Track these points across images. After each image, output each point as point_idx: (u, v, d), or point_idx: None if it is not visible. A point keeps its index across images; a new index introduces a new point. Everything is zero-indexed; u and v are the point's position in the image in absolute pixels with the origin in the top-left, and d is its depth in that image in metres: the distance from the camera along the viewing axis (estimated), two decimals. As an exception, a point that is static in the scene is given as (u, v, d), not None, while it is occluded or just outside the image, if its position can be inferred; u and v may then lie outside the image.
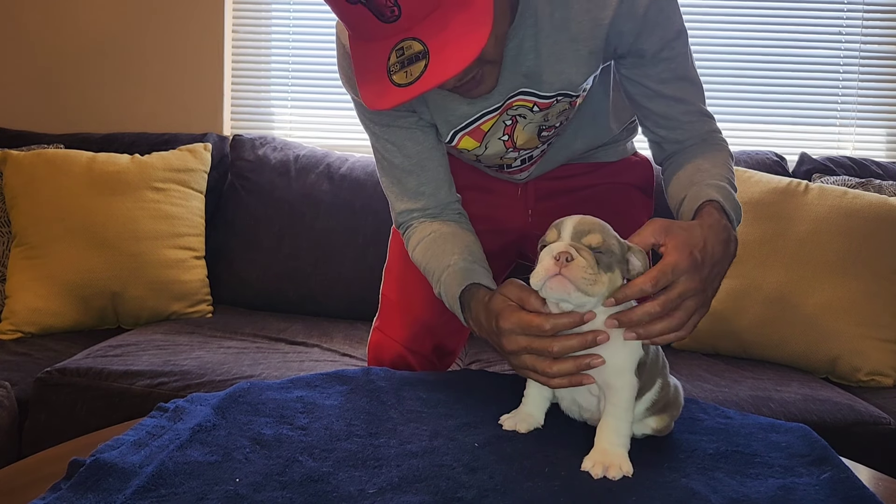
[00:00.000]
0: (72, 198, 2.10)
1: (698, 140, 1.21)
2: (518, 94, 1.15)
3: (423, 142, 1.24)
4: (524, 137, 1.23)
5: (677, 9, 1.13)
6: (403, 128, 1.23)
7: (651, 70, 1.15)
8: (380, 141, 1.26)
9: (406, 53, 0.94)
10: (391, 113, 1.21)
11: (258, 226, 2.29)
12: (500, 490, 0.82)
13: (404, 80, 0.93)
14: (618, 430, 0.89)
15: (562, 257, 0.86)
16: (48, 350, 1.92)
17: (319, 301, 2.25)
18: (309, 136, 2.61)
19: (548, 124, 1.22)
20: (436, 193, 1.26)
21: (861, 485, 0.86)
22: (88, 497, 0.76)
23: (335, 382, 1.14)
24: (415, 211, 1.27)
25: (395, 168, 1.26)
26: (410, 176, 1.25)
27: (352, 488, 0.81)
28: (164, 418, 0.98)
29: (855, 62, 2.52)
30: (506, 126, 1.21)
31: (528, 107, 1.18)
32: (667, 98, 1.17)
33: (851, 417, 1.65)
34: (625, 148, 1.44)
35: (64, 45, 2.57)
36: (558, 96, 1.16)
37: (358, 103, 1.24)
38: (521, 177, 1.36)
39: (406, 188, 1.26)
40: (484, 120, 1.19)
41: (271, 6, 2.62)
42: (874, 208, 1.99)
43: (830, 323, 1.93)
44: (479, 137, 1.22)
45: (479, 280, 1.12)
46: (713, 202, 1.05)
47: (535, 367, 0.94)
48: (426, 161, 1.25)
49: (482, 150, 1.24)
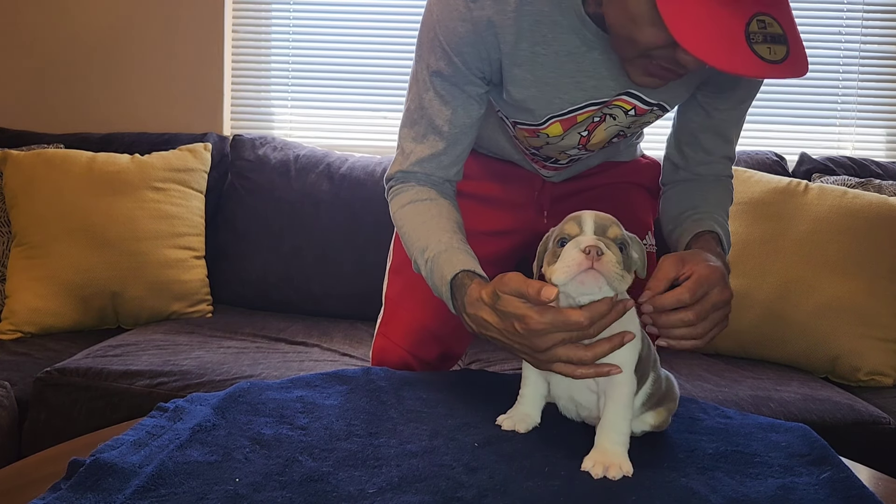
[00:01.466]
0: (72, 198, 2.10)
1: (714, 178, 1.25)
2: (626, 92, 1.14)
3: (473, 115, 1.18)
4: (599, 137, 1.22)
5: None
6: (466, 94, 1.16)
7: (724, 104, 1.19)
8: (430, 94, 1.17)
9: (768, 29, 0.87)
10: (470, 75, 1.14)
11: (258, 226, 2.29)
12: (499, 490, 0.82)
13: (768, 56, 0.86)
14: (618, 429, 0.89)
15: (592, 251, 0.84)
16: (48, 350, 1.92)
17: (319, 301, 2.25)
18: (309, 136, 2.61)
19: (627, 131, 1.23)
20: (450, 167, 1.21)
21: (861, 484, 0.86)
22: (88, 497, 0.76)
23: (335, 382, 1.14)
24: (419, 174, 1.21)
25: (432, 127, 1.18)
26: (441, 141, 1.18)
27: (352, 488, 0.81)
28: (163, 418, 0.98)
29: (855, 62, 2.52)
30: (594, 122, 1.18)
31: (625, 109, 1.16)
32: (719, 136, 1.22)
33: (851, 417, 1.65)
34: (635, 149, 1.46)
35: (64, 44, 2.57)
36: (656, 107, 1.17)
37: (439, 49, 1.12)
38: (547, 174, 1.36)
39: (428, 149, 1.19)
40: (584, 111, 1.16)
41: (271, 6, 2.62)
42: (874, 208, 1.99)
43: (830, 323, 1.93)
44: (568, 126, 1.18)
45: (468, 267, 1.08)
46: (713, 233, 1.12)
47: (570, 359, 0.91)
48: (462, 135, 1.19)
49: (558, 139, 1.21)
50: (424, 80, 1.17)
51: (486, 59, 1.12)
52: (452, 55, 1.12)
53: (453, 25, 1.10)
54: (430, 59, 1.15)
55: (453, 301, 1.08)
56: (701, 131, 1.22)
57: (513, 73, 1.13)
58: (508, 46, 1.10)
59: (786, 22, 0.89)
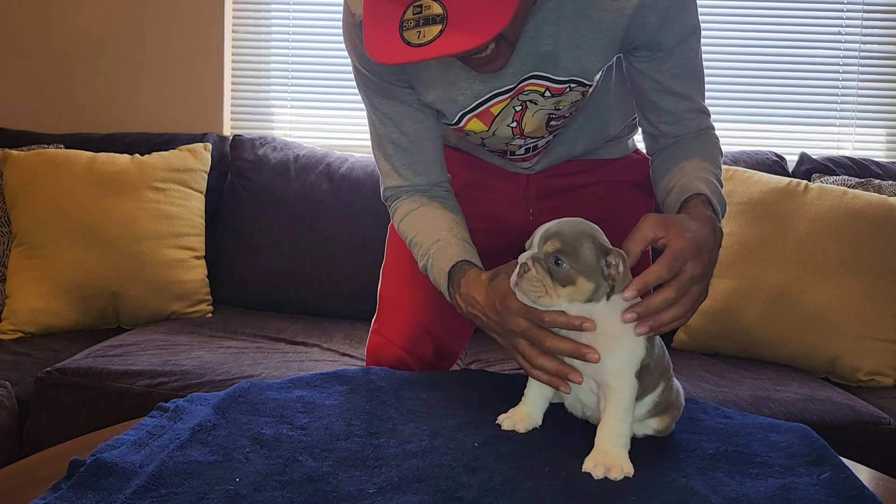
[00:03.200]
0: (72, 198, 2.10)
1: (693, 135, 1.21)
2: (531, 77, 1.13)
3: (423, 121, 1.22)
4: (533, 125, 1.21)
5: (695, 3, 1.14)
6: (405, 104, 1.20)
7: (664, 65, 1.15)
8: (377, 114, 1.23)
9: (423, 13, 0.90)
10: (393, 86, 1.18)
11: (258, 226, 2.29)
12: (499, 490, 0.82)
13: (416, 40, 0.90)
14: (618, 431, 0.90)
15: (520, 269, 0.91)
16: (48, 350, 1.92)
17: (319, 301, 2.25)
18: (309, 136, 2.61)
19: (558, 113, 1.21)
20: (428, 172, 1.24)
21: (861, 485, 0.86)
22: (88, 497, 0.76)
23: (335, 382, 1.14)
24: (404, 186, 1.25)
25: (390, 143, 1.23)
26: (405, 153, 1.23)
27: (352, 488, 0.81)
28: (164, 418, 0.98)
29: (854, 62, 2.52)
30: (515, 112, 1.19)
31: (539, 92, 1.15)
32: (675, 94, 1.18)
33: (851, 417, 1.65)
34: (626, 145, 1.43)
35: (64, 44, 2.57)
36: (571, 83, 1.15)
37: (359, 70, 1.20)
38: (524, 166, 1.35)
39: (398, 164, 1.24)
40: (494, 102, 1.16)
41: (271, 6, 2.62)
42: (874, 208, 1.99)
43: (830, 323, 1.93)
44: (488, 121, 1.19)
45: (469, 258, 1.13)
46: (701, 195, 1.08)
47: (523, 352, 0.97)
48: (422, 140, 1.22)
49: (489, 134, 1.22)
50: (366, 102, 1.24)
51: (394, 70, 1.16)
52: (365, 71, 1.17)
53: (357, 53, 1.16)
54: (358, 80, 1.22)
55: (449, 288, 1.12)
56: (654, 94, 1.19)
57: (419, 77, 1.16)
58: None
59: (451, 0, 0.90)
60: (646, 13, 1.08)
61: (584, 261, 0.90)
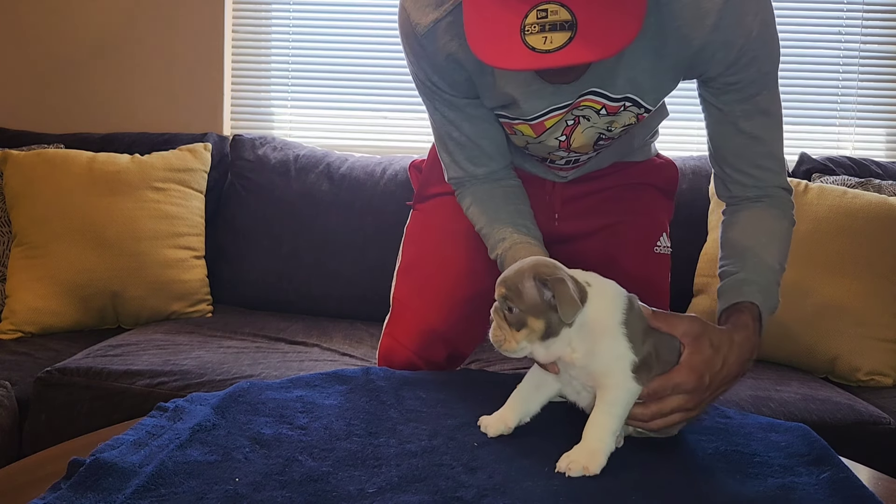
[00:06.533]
0: (72, 198, 2.10)
1: (763, 193, 1.15)
2: (588, 93, 1.11)
3: (481, 125, 1.22)
4: (581, 141, 1.20)
5: (777, 39, 1.09)
6: (464, 112, 1.20)
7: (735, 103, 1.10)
8: (437, 113, 1.23)
9: (550, 18, 0.86)
10: (458, 99, 1.18)
11: (258, 226, 2.29)
12: (499, 490, 0.82)
13: (541, 46, 0.86)
14: (602, 426, 0.89)
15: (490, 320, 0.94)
16: (48, 350, 1.92)
17: (319, 301, 2.25)
18: (309, 136, 2.61)
19: (609, 135, 1.19)
20: (488, 163, 1.25)
21: (860, 484, 0.86)
22: (88, 497, 0.77)
23: (335, 382, 1.14)
24: (465, 177, 1.26)
25: (450, 139, 1.24)
26: (464, 149, 1.24)
27: (351, 488, 0.81)
28: (163, 418, 0.98)
29: (855, 62, 2.52)
30: (567, 125, 1.17)
31: (595, 108, 1.14)
32: (743, 133, 1.12)
33: (851, 417, 1.65)
34: (649, 149, 1.43)
35: (64, 45, 2.57)
36: (626, 101, 1.12)
37: (421, 81, 1.18)
38: (560, 175, 1.34)
39: (458, 158, 1.25)
40: (549, 116, 1.15)
41: (271, 6, 2.62)
42: (874, 208, 1.99)
43: (830, 322, 1.93)
44: (539, 131, 1.19)
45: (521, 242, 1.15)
46: (753, 306, 1.05)
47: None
48: (481, 139, 1.23)
49: (536, 141, 1.21)
50: (426, 99, 1.22)
51: (456, 83, 1.16)
52: (429, 83, 1.18)
53: (417, 62, 1.16)
54: (418, 87, 1.21)
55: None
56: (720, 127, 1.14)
57: (483, 82, 1.16)
58: (472, 65, 1.13)
59: (580, 7, 0.87)
60: (714, 49, 1.04)
61: (528, 300, 0.89)
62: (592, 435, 0.89)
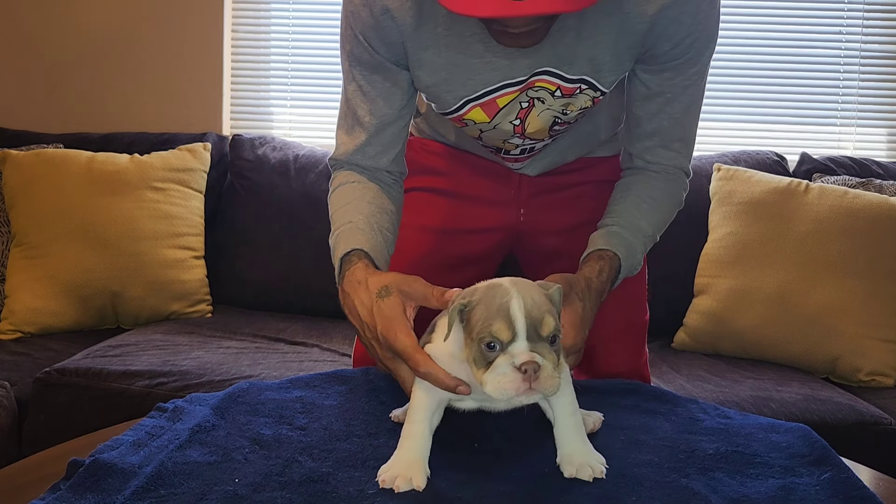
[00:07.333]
0: (71, 198, 2.09)
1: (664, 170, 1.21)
2: (544, 72, 1.11)
3: (396, 105, 1.18)
4: (536, 125, 1.19)
5: (718, 26, 1.13)
6: (389, 81, 1.16)
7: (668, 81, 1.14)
8: (352, 84, 1.18)
9: None
10: (386, 61, 1.14)
11: (258, 225, 2.29)
12: (499, 490, 0.82)
13: None
14: (579, 427, 0.89)
15: (529, 370, 0.75)
16: (48, 350, 1.92)
17: (319, 301, 2.24)
18: (308, 135, 2.61)
19: (564, 118, 1.18)
20: (378, 157, 1.20)
21: (861, 485, 0.86)
22: (88, 497, 0.76)
23: (334, 382, 1.13)
24: (352, 163, 1.21)
25: (355, 118, 1.19)
26: (363, 133, 1.19)
27: (351, 488, 0.81)
28: (163, 418, 0.98)
29: (855, 62, 2.52)
30: (521, 108, 1.16)
31: (550, 90, 1.13)
32: (664, 114, 1.16)
33: (852, 417, 1.65)
34: (617, 144, 1.42)
35: (64, 45, 2.57)
36: (582, 84, 1.12)
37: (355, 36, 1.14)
38: (515, 166, 1.33)
39: (353, 142, 1.20)
40: (502, 93, 1.13)
41: (271, 6, 2.62)
42: (874, 208, 1.99)
43: (831, 323, 1.93)
44: (492, 113, 1.17)
45: (369, 249, 1.07)
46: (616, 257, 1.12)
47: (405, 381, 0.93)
48: (387, 126, 1.19)
49: (489, 126, 1.19)
50: (346, 70, 1.18)
51: (390, 44, 1.13)
52: (362, 40, 1.13)
53: (357, 11, 1.12)
54: (346, 46, 1.16)
55: (336, 276, 1.07)
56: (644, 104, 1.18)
57: (420, 57, 1.12)
58: (410, 30, 1.10)
59: None
60: (667, 23, 1.06)
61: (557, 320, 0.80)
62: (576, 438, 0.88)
